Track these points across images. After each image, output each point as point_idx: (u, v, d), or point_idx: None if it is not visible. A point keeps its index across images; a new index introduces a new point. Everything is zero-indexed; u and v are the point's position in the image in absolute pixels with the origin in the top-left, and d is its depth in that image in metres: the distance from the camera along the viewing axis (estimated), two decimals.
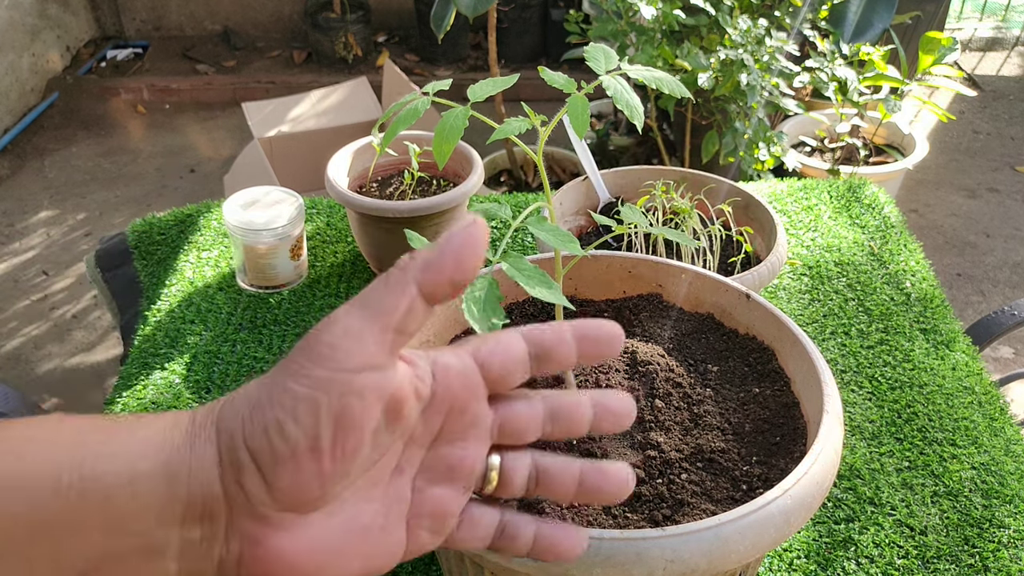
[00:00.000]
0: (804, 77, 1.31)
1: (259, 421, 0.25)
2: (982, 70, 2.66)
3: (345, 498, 0.27)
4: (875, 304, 0.75)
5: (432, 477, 0.29)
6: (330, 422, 0.25)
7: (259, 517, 0.25)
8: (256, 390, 0.26)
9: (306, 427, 0.25)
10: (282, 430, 0.25)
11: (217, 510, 0.25)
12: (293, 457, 0.25)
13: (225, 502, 0.25)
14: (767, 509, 0.34)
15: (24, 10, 2.40)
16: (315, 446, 0.25)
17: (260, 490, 0.25)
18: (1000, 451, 0.60)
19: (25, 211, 2.02)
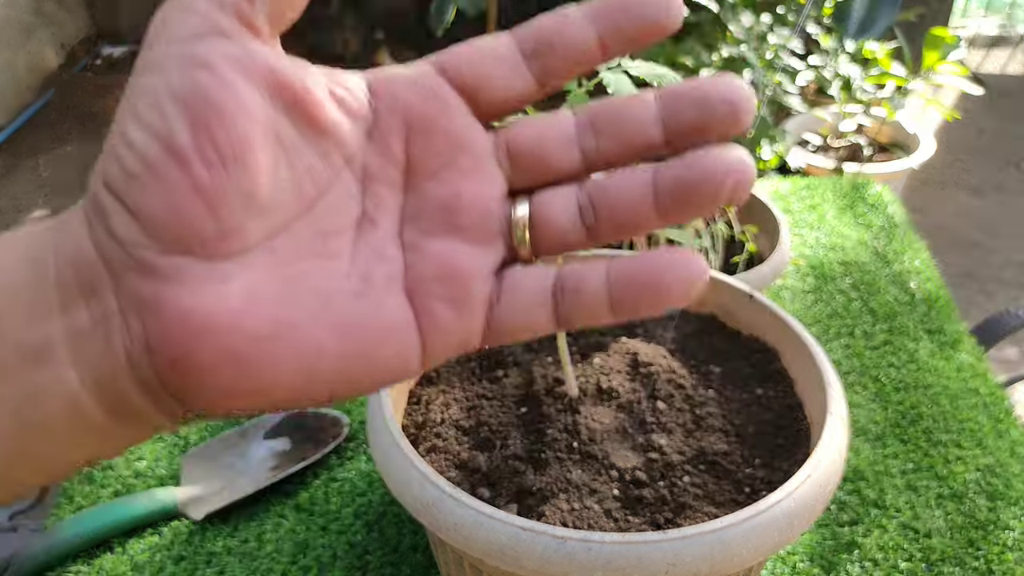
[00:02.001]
0: (808, 74, 1.30)
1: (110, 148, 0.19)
2: (987, 68, 2.65)
3: (276, 248, 0.19)
4: (880, 304, 0.74)
5: (426, 227, 0.21)
6: (179, 109, 0.18)
7: (148, 270, 0.18)
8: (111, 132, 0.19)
9: (150, 124, 0.18)
10: (128, 140, 0.18)
11: (97, 278, 0.19)
12: (150, 169, 0.18)
13: (103, 264, 0.19)
14: (770, 512, 0.34)
15: (19, 7, 2.39)
16: (171, 145, 0.18)
17: (130, 227, 0.18)
18: (1006, 453, 0.59)
19: (19, 210, 2.01)
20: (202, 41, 0.18)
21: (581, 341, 0.48)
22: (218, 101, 0.18)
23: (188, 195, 0.18)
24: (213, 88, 0.18)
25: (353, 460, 0.57)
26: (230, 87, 0.18)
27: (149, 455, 0.58)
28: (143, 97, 0.18)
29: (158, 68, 0.18)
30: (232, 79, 0.18)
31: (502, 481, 0.39)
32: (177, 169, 0.18)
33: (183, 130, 0.18)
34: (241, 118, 0.18)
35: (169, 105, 0.18)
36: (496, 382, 0.45)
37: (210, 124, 0.18)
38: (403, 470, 0.36)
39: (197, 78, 0.18)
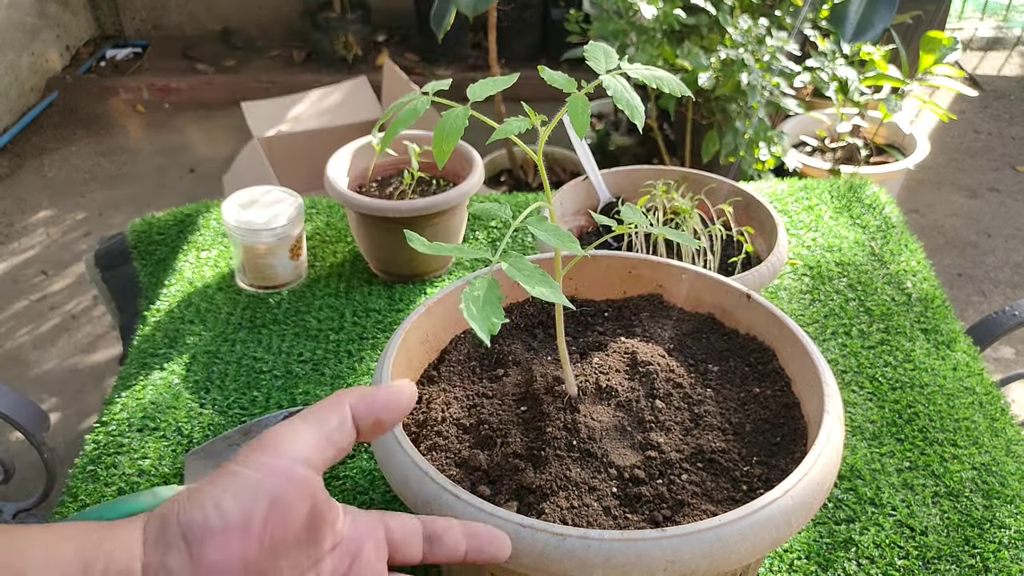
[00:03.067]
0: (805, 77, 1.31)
1: (197, 499, 0.27)
2: (983, 70, 2.66)
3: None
4: (876, 304, 0.75)
5: None
6: (265, 502, 0.27)
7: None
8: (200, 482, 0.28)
9: (243, 503, 0.27)
10: (218, 505, 0.27)
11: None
12: (224, 531, 0.26)
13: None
14: (768, 510, 0.34)
15: (24, 9, 2.40)
16: (248, 524, 0.27)
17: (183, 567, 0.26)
18: (1001, 451, 0.60)
19: (24, 211, 2.02)
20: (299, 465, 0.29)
21: (580, 341, 0.49)
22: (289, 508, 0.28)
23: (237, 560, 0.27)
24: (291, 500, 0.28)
25: (355, 458, 0.58)
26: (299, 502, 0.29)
27: (153, 453, 0.58)
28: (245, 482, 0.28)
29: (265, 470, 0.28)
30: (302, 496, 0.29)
31: (502, 479, 0.39)
32: (242, 540, 0.27)
33: (260, 516, 0.27)
34: (293, 524, 0.28)
35: (262, 497, 0.28)
36: (496, 381, 0.45)
37: (276, 521, 0.28)
38: (404, 468, 0.36)
39: (287, 489, 0.28)
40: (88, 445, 0.60)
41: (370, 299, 0.75)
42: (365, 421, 0.32)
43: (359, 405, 0.32)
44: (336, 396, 0.32)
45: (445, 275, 0.78)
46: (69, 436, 1.38)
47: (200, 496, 0.27)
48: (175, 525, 0.27)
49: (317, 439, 0.30)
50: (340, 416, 0.32)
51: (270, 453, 0.29)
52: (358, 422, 0.32)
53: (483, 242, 0.83)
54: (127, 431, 0.60)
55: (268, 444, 0.29)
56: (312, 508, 0.29)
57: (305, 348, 0.69)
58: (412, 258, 0.75)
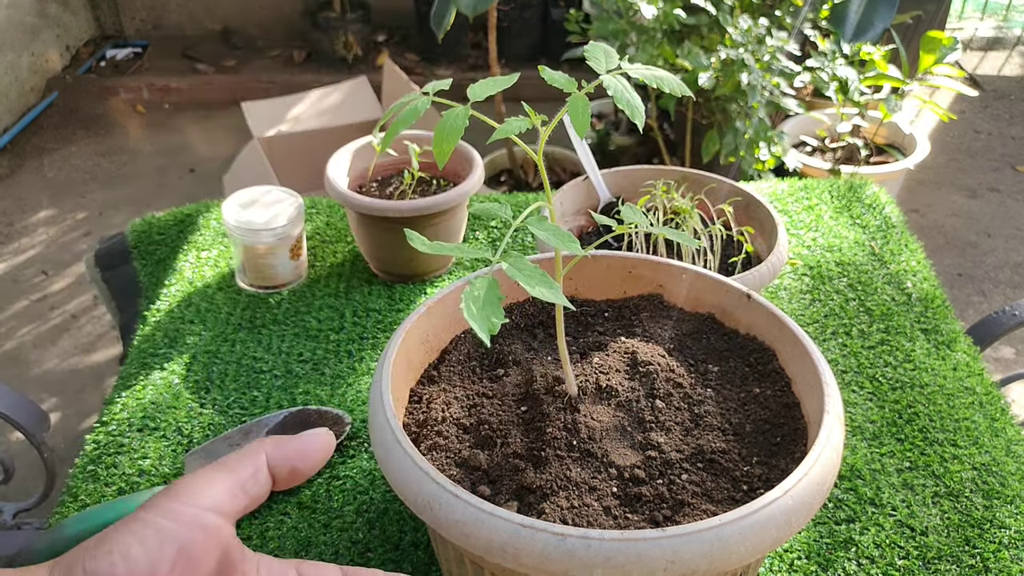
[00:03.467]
0: (805, 77, 1.31)
1: (104, 546, 0.27)
2: (983, 70, 2.66)
3: None
4: (876, 304, 0.75)
5: None
6: (173, 550, 0.28)
7: None
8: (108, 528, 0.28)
9: (150, 551, 0.27)
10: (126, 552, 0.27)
11: None
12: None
13: None
14: (768, 510, 0.34)
15: (24, 9, 2.40)
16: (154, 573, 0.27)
17: None
18: (1001, 452, 0.60)
19: (24, 211, 2.02)
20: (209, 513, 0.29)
21: (581, 341, 0.49)
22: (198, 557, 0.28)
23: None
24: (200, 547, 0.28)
25: (355, 458, 0.58)
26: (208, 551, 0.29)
27: (153, 453, 0.58)
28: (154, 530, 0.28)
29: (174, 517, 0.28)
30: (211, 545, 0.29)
31: (502, 479, 0.39)
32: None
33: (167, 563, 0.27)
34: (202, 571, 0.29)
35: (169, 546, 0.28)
36: (496, 381, 0.45)
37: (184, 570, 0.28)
38: (404, 468, 0.36)
39: (195, 537, 0.28)
40: (88, 445, 0.60)
41: (370, 299, 0.75)
42: (280, 470, 0.33)
43: (274, 454, 0.33)
44: (252, 445, 0.33)
45: (445, 275, 0.78)
46: (69, 436, 1.38)
47: (107, 543, 0.27)
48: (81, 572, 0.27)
49: (229, 487, 0.31)
50: (255, 465, 0.32)
51: (181, 500, 0.29)
52: (274, 471, 0.33)
53: (483, 242, 0.83)
54: (127, 431, 0.60)
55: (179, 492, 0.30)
56: (222, 557, 0.30)
57: (305, 348, 0.69)
58: (412, 258, 0.75)
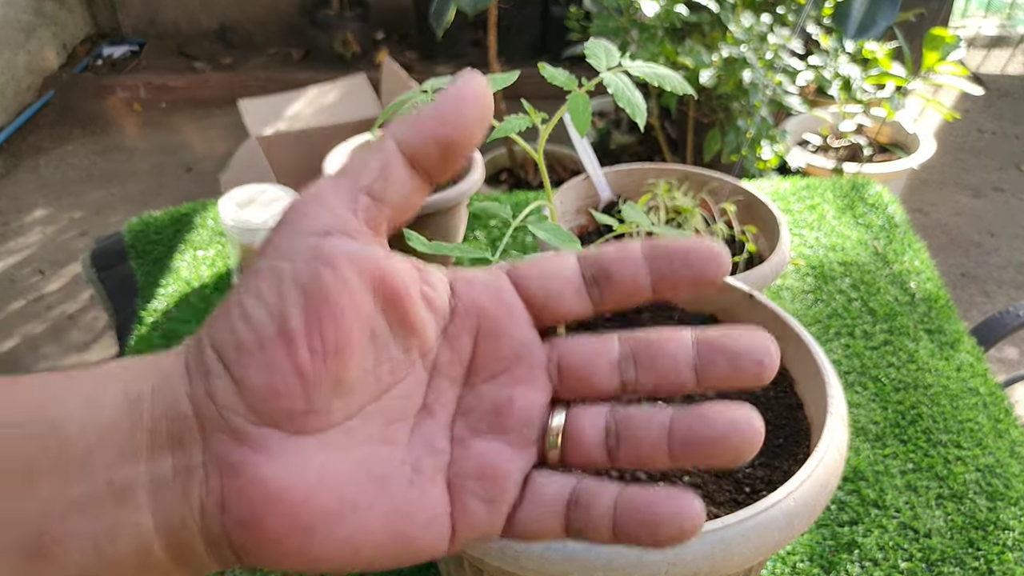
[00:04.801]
0: (808, 75, 1.30)
1: (224, 313, 0.21)
2: (987, 68, 2.65)
3: (351, 429, 0.21)
4: (879, 304, 0.74)
5: (475, 424, 0.23)
6: (299, 296, 0.20)
7: (237, 436, 0.20)
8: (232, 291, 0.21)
9: (270, 304, 0.20)
10: (245, 313, 0.20)
11: (188, 432, 0.20)
12: (260, 345, 0.20)
13: (196, 420, 0.20)
14: (770, 512, 0.33)
15: (19, 7, 2.39)
16: (284, 328, 0.20)
17: (230, 394, 0.20)
18: (1005, 453, 0.59)
19: (20, 210, 2.01)
20: (330, 238, 0.21)
21: None
22: (334, 297, 0.20)
23: (289, 376, 0.20)
24: (332, 285, 0.20)
25: None
26: (346, 287, 0.20)
27: None
28: (268, 278, 0.20)
29: (287, 255, 0.20)
30: (349, 278, 0.20)
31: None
32: (285, 351, 0.20)
33: (299, 317, 0.20)
34: (349, 316, 0.20)
35: (292, 292, 0.20)
36: None
37: (323, 317, 0.20)
38: None
39: (320, 273, 0.20)
40: None
41: None
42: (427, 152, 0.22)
43: (407, 134, 0.22)
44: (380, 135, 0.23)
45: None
46: None
47: (227, 308, 0.21)
48: (209, 348, 0.20)
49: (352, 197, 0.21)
50: (382, 160, 0.22)
51: (289, 231, 0.21)
52: (417, 157, 0.22)
53: (483, 241, 0.82)
54: None
55: (286, 220, 0.21)
56: (379, 288, 0.21)
57: None
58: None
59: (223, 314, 0.21)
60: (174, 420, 0.20)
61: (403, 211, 0.22)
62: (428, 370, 0.23)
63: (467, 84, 0.22)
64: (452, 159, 0.22)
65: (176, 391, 0.20)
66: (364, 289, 0.21)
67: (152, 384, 0.21)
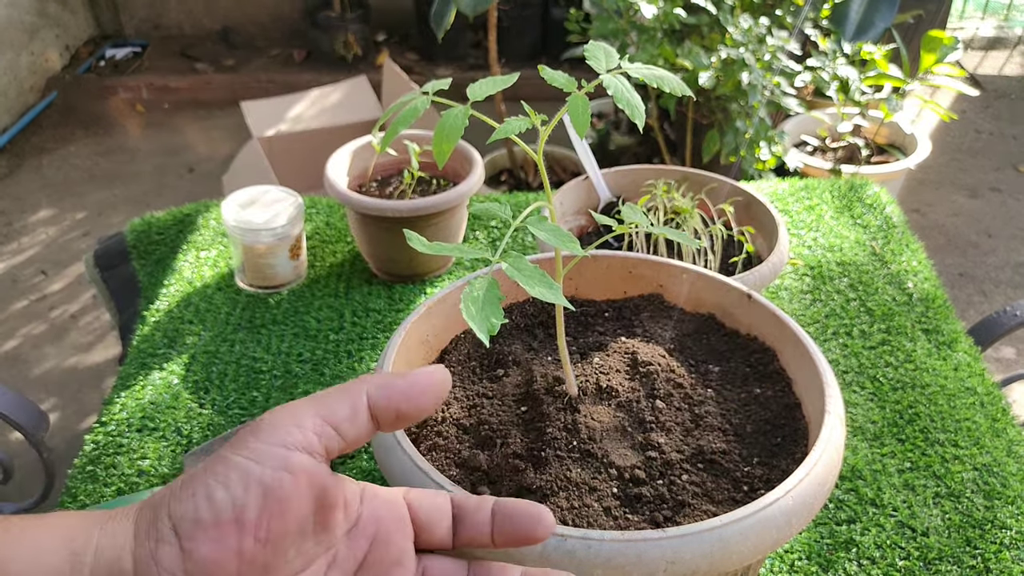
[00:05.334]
0: (806, 76, 1.31)
1: (188, 488, 0.25)
2: (984, 69, 2.65)
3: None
4: (877, 304, 0.74)
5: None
6: (259, 494, 0.25)
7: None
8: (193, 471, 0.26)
9: (234, 493, 0.25)
10: (210, 495, 0.25)
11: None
12: (216, 524, 0.25)
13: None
14: (768, 510, 0.34)
15: (23, 8, 2.39)
16: (240, 517, 0.25)
17: (174, 561, 0.24)
18: (1002, 452, 0.59)
19: (23, 210, 2.02)
20: (297, 454, 0.26)
21: (581, 341, 0.48)
22: (287, 500, 0.26)
23: (232, 555, 0.25)
24: (289, 490, 0.26)
25: (355, 458, 0.58)
26: (298, 493, 0.26)
27: (152, 453, 0.58)
28: (238, 470, 0.25)
29: (260, 458, 0.26)
30: (302, 487, 0.26)
31: (502, 479, 0.39)
32: (236, 534, 0.25)
33: (255, 508, 0.25)
34: (292, 516, 0.26)
35: (255, 487, 0.25)
36: (496, 381, 0.45)
37: (273, 514, 0.25)
38: (404, 468, 0.36)
39: (282, 479, 0.26)
40: (87, 445, 0.59)
41: (370, 299, 0.74)
42: (385, 413, 0.28)
43: (378, 395, 0.28)
44: (353, 383, 0.29)
45: (445, 275, 0.78)
46: (69, 436, 1.38)
47: (192, 486, 0.25)
48: (166, 517, 0.25)
49: (321, 427, 0.27)
50: (353, 407, 0.28)
51: (264, 439, 0.26)
52: (378, 414, 0.28)
53: (483, 242, 0.83)
54: (126, 431, 0.60)
55: (264, 429, 0.26)
56: (318, 497, 0.27)
57: (305, 348, 0.68)
58: (412, 258, 0.75)
59: (186, 489, 0.25)
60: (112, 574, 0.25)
61: (352, 446, 0.28)
62: (328, 562, 0.28)
63: (435, 374, 0.29)
64: (401, 424, 0.29)
65: (121, 550, 0.25)
66: (309, 497, 0.27)
67: (97, 541, 0.25)
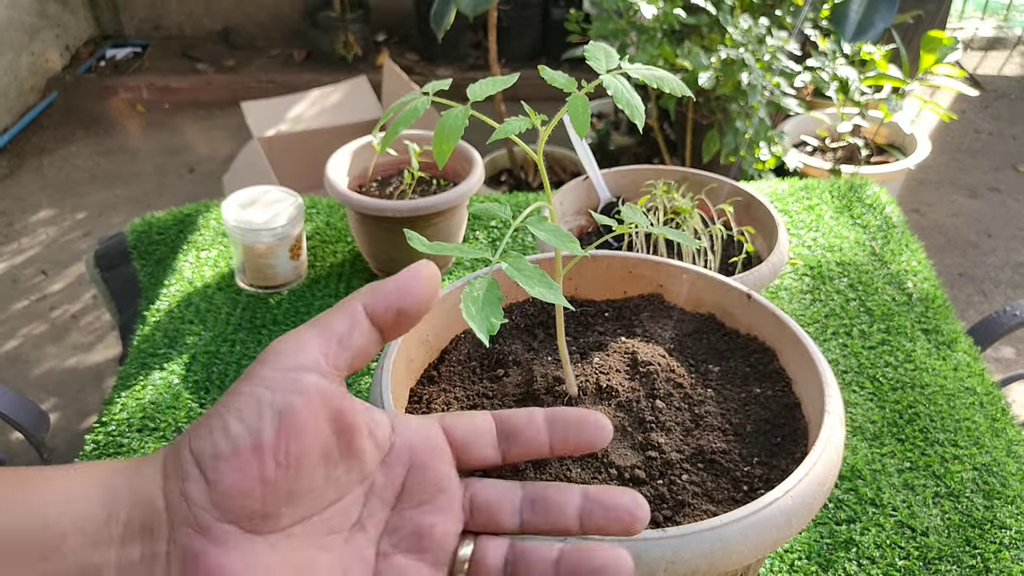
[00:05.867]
0: (805, 76, 1.31)
1: (205, 424, 0.26)
2: (984, 70, 2.66)
3: (296, 534, 0.26)
4: (877, 304, 0.74)
5: (398, 542, 0.28)
6: (273, 418, 0.25)
7: (202, 529, 0.25)
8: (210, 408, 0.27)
9: (249, 422, 0.25)
10: (226, 427, 0.25)
11: (158, 525, 0.25)
12: (235, 454, 0.25)
13: (167, 514, 0.25)
14: (768, 510, 0.34)
15: (23, 9, 2.39)
16: (257, 443, 0.25)
17: (201, 494, 0.25)
18: (1002, 452, 0.59)
19: (24, 211, 2.02)
20: (305, 374, 0.26)
21: (581, 341, 0.48)
22: (301, 421, 0.26)
23: (256, 482, 0.25)
24: (301, 411, 0.26)
25: None
26: (312, 413, 0.26)
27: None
28: (249, 400, 0.26)
29: (269, 384, 0.26)
30: (315, 407, 0.26)
31: (502, 479, 0.39)
32: (255, 461, 0.25)
33: (271, 434, 0.25)
34: (310, 436, 0.26)
35: (268, 413, 0.25)
36: (496, 381, 0.45)
37: (290, 436, 0.25)
38: None
39: (293, 401, 0.26)
40: (88, 445, 0.59)
41: None
42: (384, 316, 0.29)
43: (372, 299, 0.28)
44: (345, 299, 0.29)
45: (445, 275, 0.78)
46: (69, 436, 1.38)
47: (208, 422, 0.26)
48: (188, 454, 0.25)
49: (325, 344, 0.27)
50: (350, 317, 0.28)
51: (271, 366, 0.26)
52: (378, 320, 0.29)
53: (483, 242, 0.83)
54: (127, 431, 0.60)
55: (270, 357, 0.27)
56: (335, 418, 0.27)
57: None
58: (412, 258, 0.75)
59: (204, 426, 0.26)
60: (147, 513, 0.25)
61: (362, 358, 0.29)
62: (365, 492, 0.28)
63: (421, 269, 0.29)
64: (404, 323, 0.29)
65: (152, 489, 0.25)
66: (325, 418, 0.26)
67: (129, 485, 0.25)
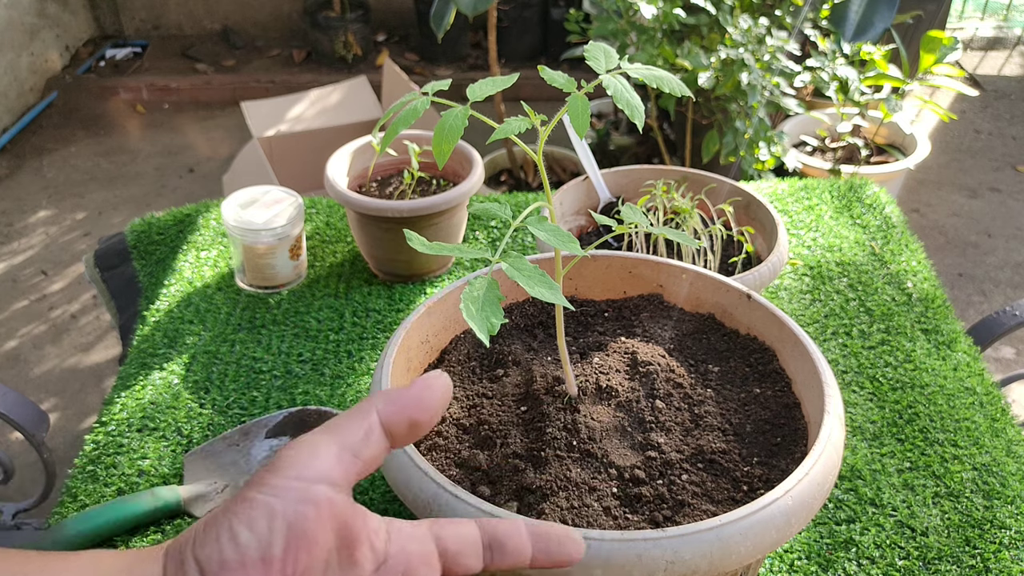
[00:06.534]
0: (805, 76, 1.31)
1: (212, 530, 0.26)
2: (983, 70, 2.66)
3: None
4: (876, 304, 0.74)
5: None
6: (283, 529, 0.25)
7: None
8: (215, 510, 0.27)
9: (259, 533, 0.25)
10: (234, 536, 0.25)
11: None
12: (242, 565, 0.25)
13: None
14: (768, 510, 0.34)
15: (23, 9, 2.39)
16: (266, 555, 0.25)
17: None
18: (1001, 452, 0.60)
19: (24, 211, 2.02)
20: (317, 486, 0.27)
21: (581, 341, 0.48)
22: (311, 533, 0.26)
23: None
24: (312, 523, 0.26)
25: None
26: (322, 527, 0.26)
27: (152, 453, 0.58)
28: (260, 508, 0.26)
29: (280, 494, 0.26)
30: (324, 519, 0.26)
31: (502, 479, 0.39)
32: (262, 573, 0.25)
33: (280, 546, 0.25)
34: (317, 550, 0.26)
35: (279, 524, 0.25)
36: (496, 381, 0.45)
37: (299, 549, 0.26)
38: (404, 468, 0.36)
39: (305, 512, 0.26)
40: (88, 445, 0.59)
41: (370, 299, 0.74)
42: (398, 426, 0.29)
43: (388, 410, 0.29)
44: (361, 404, 0.30)
45: (445, 275, 0.78)
46: (69, 436, 1.38)
47: (215, 527, 0.26)
48: (192, 560, 0.25)
49: (338, 454, 0.28)
50: (366, 426, 0.29)
51: (283, 475, 0.27)
52: (390, 428, 0.29)
53: (483, 242, 0.83)
54: (127, 431, 0.60)
55: (282, 465, 0.27)
56: (341, 529, 0.27)
57: (305, 348, 0.69)
58: (412, 258, 0.75)
59: (209, 531, 0.26)
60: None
61: (371, 467, 0.29)
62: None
63: (435, 380, 0.30)
64: (415, 434, 0.30)
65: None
66: (331, 529, 0.27)
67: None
